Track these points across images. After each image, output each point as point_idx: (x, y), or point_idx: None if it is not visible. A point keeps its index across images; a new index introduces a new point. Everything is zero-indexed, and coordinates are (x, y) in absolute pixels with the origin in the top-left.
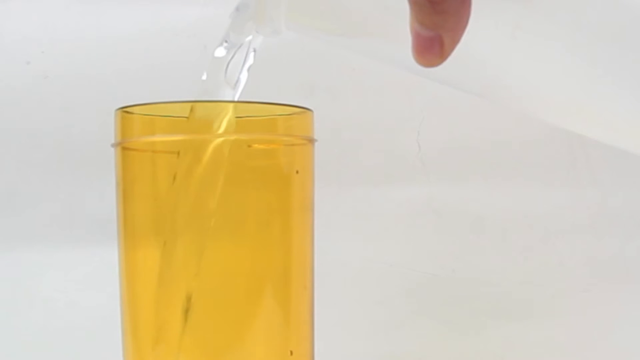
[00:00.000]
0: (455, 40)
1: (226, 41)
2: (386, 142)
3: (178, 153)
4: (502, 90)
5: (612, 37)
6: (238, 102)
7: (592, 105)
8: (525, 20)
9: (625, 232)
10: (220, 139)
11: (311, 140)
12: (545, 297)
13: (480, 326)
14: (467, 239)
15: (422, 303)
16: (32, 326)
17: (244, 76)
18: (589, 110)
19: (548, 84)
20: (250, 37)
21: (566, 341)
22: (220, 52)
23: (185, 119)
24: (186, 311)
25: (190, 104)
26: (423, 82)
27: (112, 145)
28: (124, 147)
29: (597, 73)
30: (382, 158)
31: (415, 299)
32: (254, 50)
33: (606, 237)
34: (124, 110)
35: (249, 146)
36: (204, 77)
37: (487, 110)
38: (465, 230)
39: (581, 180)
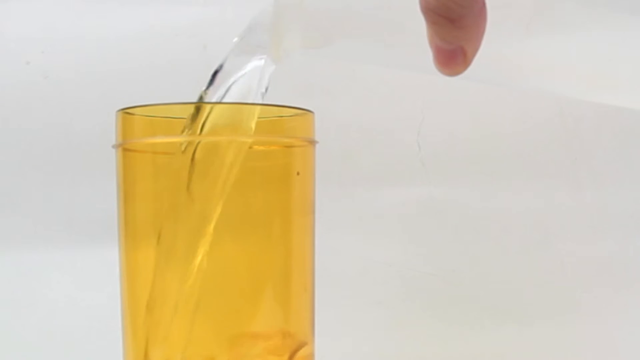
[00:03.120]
0: (476, 48)
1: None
2: (386, 142)
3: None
4: (521, 78)
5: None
6: (239, 103)
7: (614, 74)
8: (537, 15)
9: (625, 232)
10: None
11: (312, 142)
12: (546, 297)
13: (480, 326)
14: (467, 239)
15: (422, 303)
16: (32, 326)
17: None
18: (612, 79)
19: (564, 65)
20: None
21: (566, 341)
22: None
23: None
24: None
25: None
26: (423, 83)
27: (113, 147)
28: (124, 149)
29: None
30: (382, 158)
31: (415, 299)
32: (265, 91)
33: (606, 237)
34: (125, 111)
35: (250, 147)
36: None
37: (487, 110)
38: (465, 230)
39: (581, 180)
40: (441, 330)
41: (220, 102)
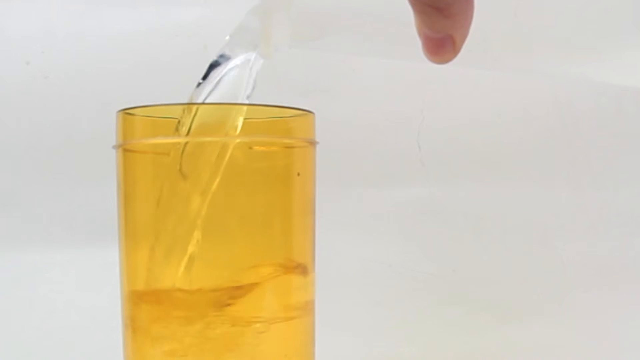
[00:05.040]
0: (465, 35)
1: (221, 56)
2: (386, 143)
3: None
4: (510, 60)
5: None
6: (240, 104)
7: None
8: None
9: (625, 232)
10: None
11: (312, 143)
12: (545, 297)
13: (480, 326)
14: (467, 239)
15: (422, 303)
16: (32, 326)
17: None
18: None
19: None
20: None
21: (566, 341)
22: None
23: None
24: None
25: (192, 106)
26: (423, 83)
27: (114, 147)
28: (125, 149)
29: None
30: (382, 158)
31: (415, 299)
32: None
33: (606, 237)
34: (125, 112)
35: (250, 148)
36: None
37: (487, 111)
38: (465, 230)
39: (581, 180)
40: (441, 330)
41: (206, 103)
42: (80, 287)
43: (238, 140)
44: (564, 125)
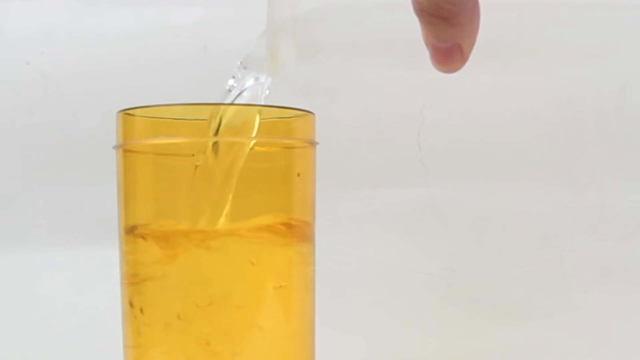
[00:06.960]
0: (472, 43)
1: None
2: (386, 143)
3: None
4: (513, 64)
5: None
6: (241, 105)
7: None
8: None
9: (625, 232)
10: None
11: (312, 143)
12: (545, 297)
13: (480, 326)
14: (467, 239)
15: (422, 303)
16: (31, 326)
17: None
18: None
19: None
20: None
21: (566, 341)
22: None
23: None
24: None
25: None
26: (423, 83)
27: (114, 148)
28: (125, 150)
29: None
30: (382, 158)
31: (415, 299)
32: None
33: (606, 237)
34: (126, 112)
35: (251, 148)
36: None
37: (487, 111)
38: (465, 230)
39: (581, 180)
40: (441, 330)
41: (226, 104)
42: (80, 287)
43: (238, 140)
44: (564, 125)
